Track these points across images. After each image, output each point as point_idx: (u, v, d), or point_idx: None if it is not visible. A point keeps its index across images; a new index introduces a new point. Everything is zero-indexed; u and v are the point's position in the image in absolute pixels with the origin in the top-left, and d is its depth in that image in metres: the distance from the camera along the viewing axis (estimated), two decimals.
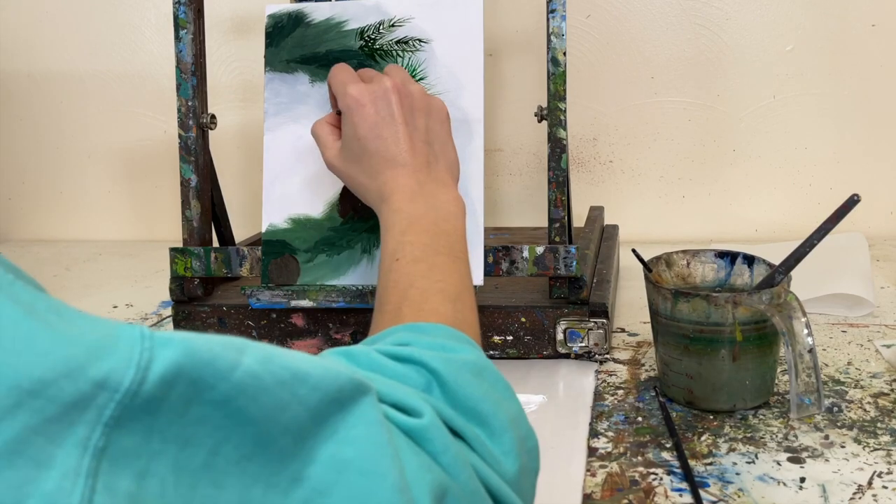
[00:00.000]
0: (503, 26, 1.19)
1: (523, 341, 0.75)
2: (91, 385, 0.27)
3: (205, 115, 0.78)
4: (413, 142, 0.61)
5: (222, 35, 1.27)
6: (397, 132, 0.61)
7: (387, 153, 0.61)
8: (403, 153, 0.60)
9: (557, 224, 0.73)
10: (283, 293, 0.71)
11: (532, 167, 1.23)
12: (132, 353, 0.28)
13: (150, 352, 0.28)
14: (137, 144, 1.35)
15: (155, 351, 0.28)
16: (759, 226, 1.20)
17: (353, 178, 0.63)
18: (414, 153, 0.61)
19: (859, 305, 0.84)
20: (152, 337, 0.29)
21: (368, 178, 0.62)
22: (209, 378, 0.29)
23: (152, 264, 1.18)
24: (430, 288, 0.52)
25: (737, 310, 0.60)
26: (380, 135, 0.61)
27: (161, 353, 0.28)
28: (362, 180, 0.62)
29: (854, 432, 0.60)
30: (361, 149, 0.62)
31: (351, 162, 0.63)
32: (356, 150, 0.62)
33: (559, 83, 0.72)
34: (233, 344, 0.32)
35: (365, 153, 0.61)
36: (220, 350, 0.30)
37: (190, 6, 0.78)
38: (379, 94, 0.62)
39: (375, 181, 0.61)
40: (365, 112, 0.62)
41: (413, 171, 0.60)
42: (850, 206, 0.59)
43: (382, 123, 0.61)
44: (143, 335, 0.29)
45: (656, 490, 0.53)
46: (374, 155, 0.61)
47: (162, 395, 0.28)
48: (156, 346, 0.29)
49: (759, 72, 1.15)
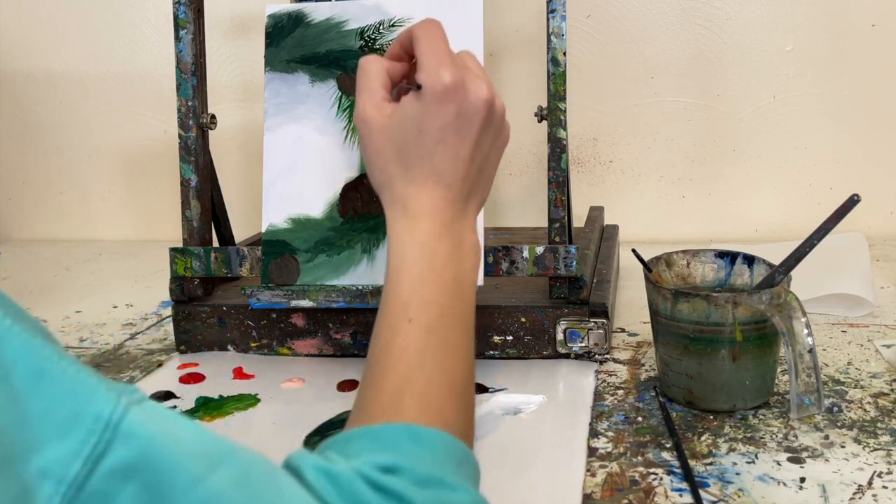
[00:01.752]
0: (503, 26, 1.19)
1: (523, 341, 0.75)
2: (36, 473, 0.26)
3: (205, 115, 0.78)
4: (471, 165, 0.53)
5: (222, 35, 1.27)
6: (464, 148, 0.52)
7: (441, 163, 0.52)
8: (456, 173, 0.52)
9: (557, 224, 0.73)
10: (283, 293, 0.71)
11: (532, 167, 1.23)
12: (85, 443, 0.26)
13: (107, 445, 0.27)
14: (137, 144, 1.35)
15: (113, 444, 0.27)
16: (759, 226, 1.20)
17: (378, 155, 0.54)
18: (465, 178, 0.53)
19: (859, 305, 0.84)
20: (117, 427, 0.27)
21: (400, 170, 0.53)
22: (166, 488, 0.27)
23: (152, 264, 1.18)
24: (439, 377, 0.47)
25: (737, 310, 0.60)
26: (446, 140, 0.52)
27: (116, 449, 0.27)
28: (391, 168, 0.53)
29: (854, 432, 0.60)
30: (416, 139, 0.52)
31: (389, 140, 0.53)
32: (407, 136, 0.52)
33: (559, 83, 0.72)
34: (209, 454, 0.29)
35: (416, 146, 0.52)
36: (188, 460, 0.28)
37: (190, 6, 0.78)
38: (471, 99, 0.52)
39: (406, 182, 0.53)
40: (446, 109, 0.52)
41: (453, 198, 0.52)
42: (850, 206, 0.59)
43: (457, 131, 0.52)
44: (109, 424, 0.27)
45: (656, 490, 0.53)
46: (425, 156, 0.52)
47: (111, 493, 0.26)
48: (116, 438, 0.27)
49: (759, 72, 1.15)
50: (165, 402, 0.70)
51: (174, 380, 0.75)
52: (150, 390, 0.72)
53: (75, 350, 0.85)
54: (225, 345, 0.80)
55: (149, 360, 0.80)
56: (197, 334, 0.80)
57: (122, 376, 0.77)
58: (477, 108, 0.52)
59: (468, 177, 0.53)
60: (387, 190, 0.54)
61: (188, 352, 0.81)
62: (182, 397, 0.71)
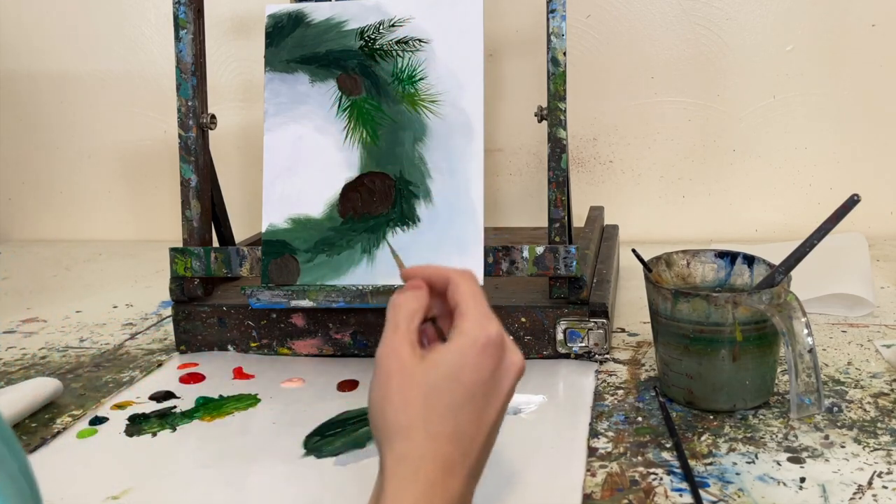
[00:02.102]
0: (503, 26, 1.19)
1: (523, 341, 0.75)
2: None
3: (205, 115, 0.78)
4: (489, 437, 0.47)
5: (222, 35, 1.27)
6: (488, 414, 0.47)
7: (464, 423, 0.46)
8: (475, 442, 0.46)
9: (557, 224, 0.73)
10: (283, 293, 0.71)
11: (532, 167, 1.23)
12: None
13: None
14: (137, 144, 1.35)
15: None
16: (759, 226, 1.20)
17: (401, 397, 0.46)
18: (480, 454, 0.47)
19: (859, 305, 0.84)
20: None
21: (422, 419, 0.46)
22: None
23: (152, 264, 1.18)
24: None
25: (737, 310, 0.60)
26: (476, 398, 0.46)
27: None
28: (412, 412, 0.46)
29: (854, 432, 0.60)
30: (448, 388, 0.46)
31: (418, 383, 0.46)
32: (440, 382, 0.46)
33: (559, 83, 0.72)
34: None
35: (447, 395, 0.46)
36: None
37: (190, 6, 0.78)
38: (508, 361, 0.48)
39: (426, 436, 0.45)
40: (485, 364, 0.47)
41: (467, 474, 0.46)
42: (850, 206, 0.59)
43: (487, 392, 0.47)
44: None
45: (656, 490, 0.53)
46: (453, 410, 0.46)
47: None
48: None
49: (759, 72, 1.15)
50: (165, 401, 0.70)
51: (174, 380, 0.75)
52: (150, 390, 0.72)
53: (75, 350, 0.85)
54: (225, 345, 0.80)
55: (149, 360, 0.80)
56: (197, 334, 0.80)
57: (122, 376, 0.77)
58: (511, 371, 0.48)
59: (483, 453, 0.47)
60: (401, 440, 0.45)
61: (188, 352, 0.81)
62: (182, 397, 0.71)
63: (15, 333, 0.91)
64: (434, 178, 0.72)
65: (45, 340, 0.88)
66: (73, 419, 0.68)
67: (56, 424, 0.67)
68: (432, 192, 0.72)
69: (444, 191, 0.72)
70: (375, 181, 0.73)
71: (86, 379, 0.77)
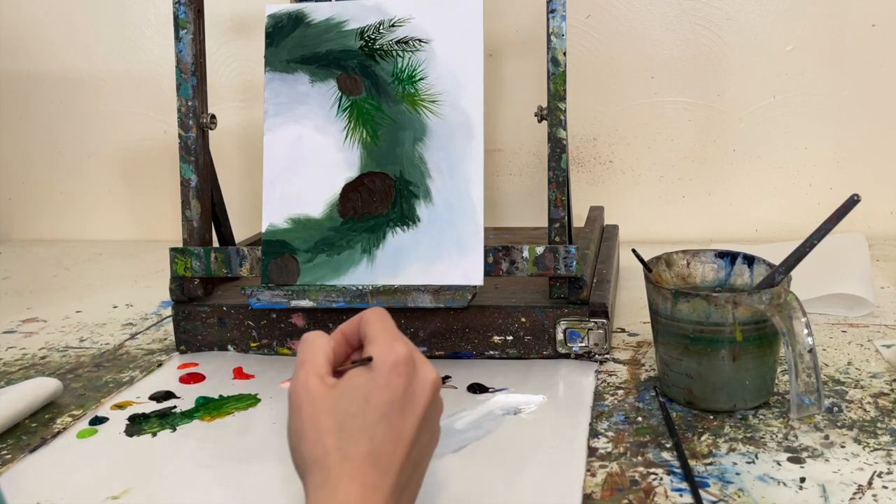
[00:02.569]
0: (503, 26, 1.19)
1: (523, 341, 0.75)
2: None
3: (205, 115, 0.78)
4: (409, 454, 0.47)
5: (222, 35, 1.27)
6: (406, 431, 0.47)
7: (380, 444, 0.46)
8: (393, 459, 0.46)
9: (557, 224, 0.73)
10: (283, 293, 0.71)
11: (532, 167, 1.23)
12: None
13: None
14: (137, 144, 1.35)
15: None
16: (759, 226, 1.20)
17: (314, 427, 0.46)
18: (402, 470, 0.47)
19: (859, 305, 0.84)
20: None
21: (337, 445, 0.46)
22: None
23: (152, 264, 1.18)
24: None
25: (737, 310, 0.60)
26: (390, 417, 0.47)
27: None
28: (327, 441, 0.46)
29: (854, 432, 0.60)
30: (360, 411, 0.46)
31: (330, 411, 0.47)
32: (351, 407, 0.46)
33: (559, 83, 0.72)
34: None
35: (360, 418, 0.46)
36: None
37: (190, 6, 0.78)
38: (420, 377, 0.48)
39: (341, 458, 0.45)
40: (395, 383, 0.47)
41: (388, 491, 0.45)
42: (850, 206, 0.59)
43: (402, 410, 0.47)
44: None
45: (656, 490, 0.53)
46: (367, 431, 0.46)
47: None
48: None
49: (759, 72, 1.15)
50: (165, 401, 0.70)
51: (174, 380, 0.75)
52: (150, 390, 0.72)
53: (75, 350, 0.85)
54: (225, 345, 0.80)
55: (149, 360, 0.80)
56: (197, 334, 0.80)
57: (122, 376, 0.77)
58: (424, 387, 0.48)
59: (404, 469, 0.47)
60: (318, 469, 0.45)
61: (188, 352, 0.81)
62: (182, 397, 0.71)
63: (15, 333, 0.91)
64: (434, 178, 0.72)
65: (45, 340, 0.88)
66: (73, 419, 0.68)
67: (56, 424, 0.67)
68: (432, 192, 0.72)
69: (444, 191, 0.72)
70: (375, 181, 0.73)
71: (86, 379, 0.77)
